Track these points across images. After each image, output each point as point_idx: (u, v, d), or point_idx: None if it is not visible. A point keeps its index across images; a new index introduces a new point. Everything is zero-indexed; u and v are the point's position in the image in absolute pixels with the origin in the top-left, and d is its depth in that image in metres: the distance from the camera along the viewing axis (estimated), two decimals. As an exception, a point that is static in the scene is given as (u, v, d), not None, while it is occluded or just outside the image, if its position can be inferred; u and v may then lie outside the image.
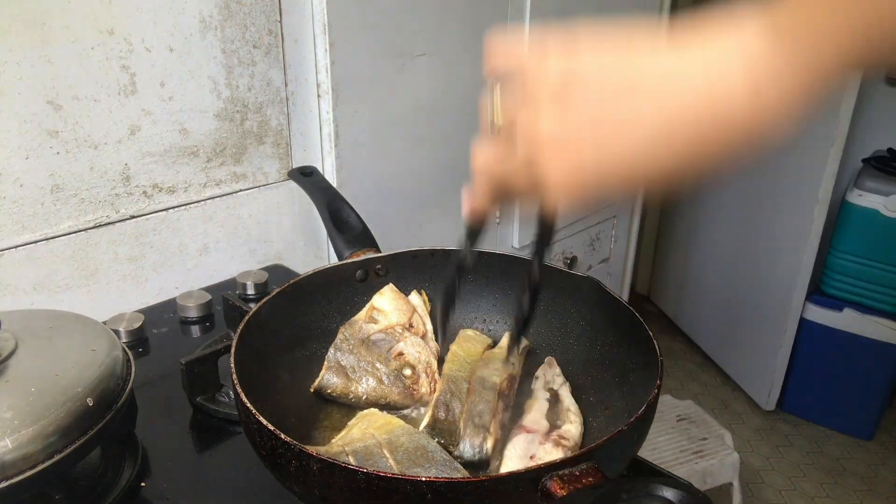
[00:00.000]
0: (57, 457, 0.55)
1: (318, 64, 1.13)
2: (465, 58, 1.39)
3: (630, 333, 0.67)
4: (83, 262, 0.94)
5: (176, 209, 1.02)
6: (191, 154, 1.02)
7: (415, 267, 0.81)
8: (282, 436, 0.51)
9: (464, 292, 0.82)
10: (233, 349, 0.61)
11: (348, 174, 1.22)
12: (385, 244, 0.83)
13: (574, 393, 0.70)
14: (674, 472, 0.68)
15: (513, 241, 1.70)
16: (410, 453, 0.58)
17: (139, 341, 0.90)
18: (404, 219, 1.38)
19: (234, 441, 0.74)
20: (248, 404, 0.54)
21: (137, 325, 0.90)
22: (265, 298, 0.69)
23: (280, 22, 1.07)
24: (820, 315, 2.16)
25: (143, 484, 0.67)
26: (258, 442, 0.54)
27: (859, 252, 2.06)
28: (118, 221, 0.97)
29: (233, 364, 0.59)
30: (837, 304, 2.13)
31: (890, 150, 2.14)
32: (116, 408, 0.61)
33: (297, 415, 0.68)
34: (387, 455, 0.57)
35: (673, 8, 2.13)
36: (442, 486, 0.47)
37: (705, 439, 1.68)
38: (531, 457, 0.61)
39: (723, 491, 1.68)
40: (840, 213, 2.08)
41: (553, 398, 0.69)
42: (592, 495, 0.44)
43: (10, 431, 0.53)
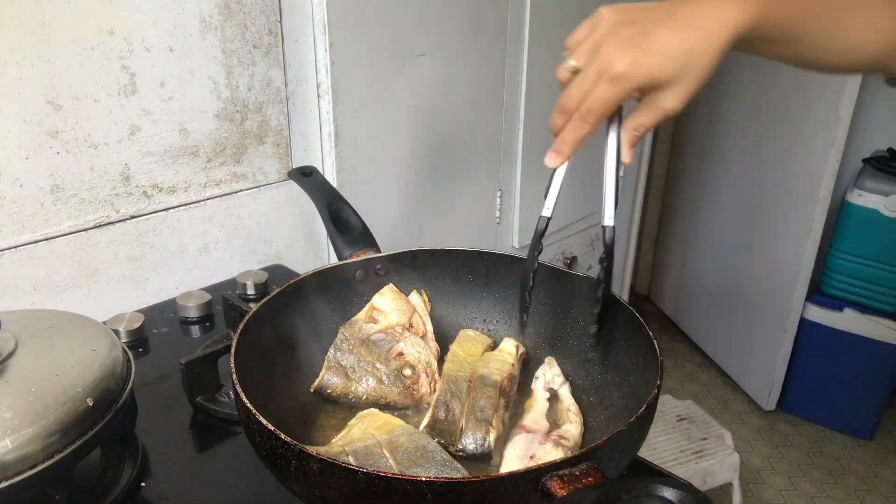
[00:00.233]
0: (57, 457, 0.55)
1: (318, 64, 1.13)
2: (465, 58, 1.39)
3: (630, 333, 0.67)
4: (83, 262, 0.94)
5: (176, 209, 1.02)
6: (191, 154, 1.02)
7: (415, 267, 0.81)
8: (282, 436, 0.51)
9: (465, 292, 0.82)
10: (233, 349, 0.61)
11: (348, 174, 1.22)
12: (384, 244, 0.83)
13: (574, 393, 0.70)
14: (674, 472, 0.68)
15: (513, 241, 1.70)
16: (410, 453, 0.58)
17: (139, 341, 0.90)
18: (404, 219, 1.38)
19: (234, 441, 0.74)
20: (249, 404, 0.54)
21: (137, 325, 0.90)
22: (265, 298, 0.69)
23: (280, 22, 1.07)
24: (820, 315, 2.16)
25: (143, 484, 0.67)
26: (258, 442, 0.54)
27: (859, 252, 2.06)
28: (118, 221, 0.97)
29: (233, 364, 0.59)
30: (837, 304, 2.13)
31: (890, 150, 2.14)
32: (116, 408, 0.61)
33: (298, 415, 0.68)
34: (387, 455, 0.57)
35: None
36: (442, 486, 0.47)
37: (705, 439, 1.68)
38: (531, 457, 0.61)
39: (723, 491, 1.68)
40: (840, 213, 2.08)
41: (553, 398, 0.69)
42: (592, 495, 0.44)
43: (10, 431, 0.53)
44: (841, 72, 0.63)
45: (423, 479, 0.46)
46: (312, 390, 0.71)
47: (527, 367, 0.76)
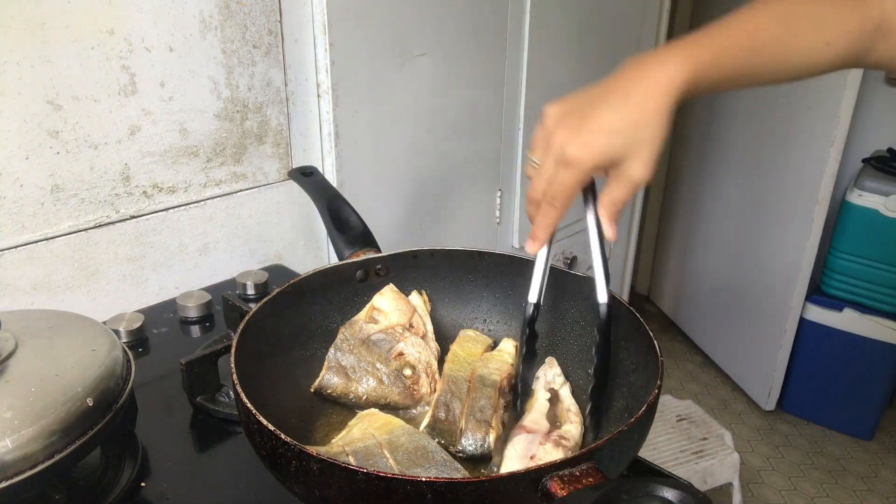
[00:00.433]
0: (57, 457, 0.55)
1: (318, 64, 1.13)
2: (465, 58, 1.39)
3: (631, 334, 0.67)
4: (83, 262, 0.94)
5: (176, 209, 1.02)
6: (191, 154, 1.02)
7: (415, 267, 0.80)
8: (282, 436, 0.51)
9: (465, 292, 0.82)
10: (233, 349, 0.61)
11: (348, 174, 1.22)
12: (384, 244, 0.83)
13: (574, 393, 0.70)
14: (674, 472, 0.68)
15: (512, 242, 1.70)
16: (411, 453, 0.58)
17: (139, 341, 0.90)
18: (404, 218, 1.38)
19: (234, 441, 0.74)
20: (249, 404, 0.54)
21: (137, 325, 0.90)
22: (266, 298, 0.69)
23: (280, 22, 1.07)
24: (820, 315, 2.16)
25: (143, 484, 0.67)
26: (258, 442, 0.54)
27: (859, 252, 2.06)
28: (118, 221, 0.97)
29: (233, 364, 0.59)
30: (837, 304, 2.13)
31: (890, 150, 2.14)
32: (116, 408, 0.61)
33: (298, 415, 0.68)
34: (387, 455, 0.57)
35: (673, 7, 2.13)
36: (442, 487, 0.46)
37: (705, 439, 1.68)
38: (531, 457, 0.61)
39: (723, 491, 1.68)
40: (840, 213, 2.08)
41: (553, 398, 0.69)
42: (592, 496, 0.44)
43: (10, 431, 0.53)
44: (806, 78, 0.65)
45: (423, 480, 0.46)
46: (313, 390, 0.71)
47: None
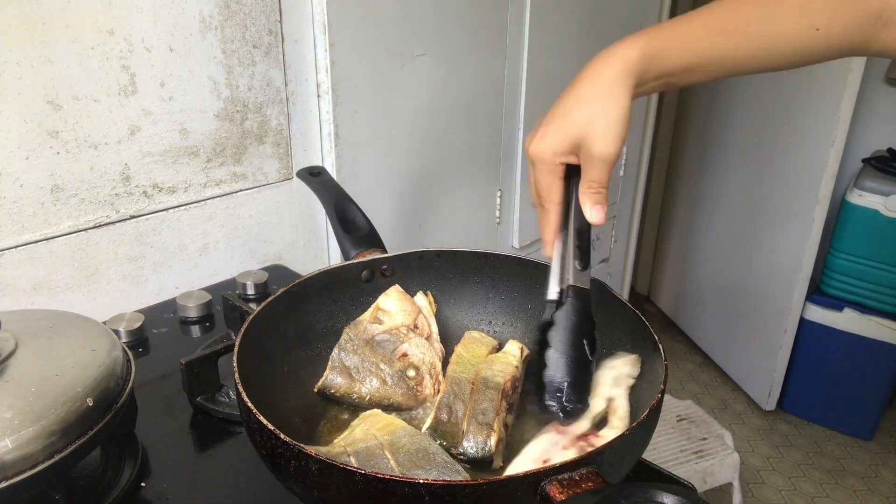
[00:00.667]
0: (57, 457, 0.55)
1: (318, 64, 1.13)
2: (465, 58, 1.39)
3: (635, 337, 0.67)
4: (83, 262, 0.94)
5: (176, 209, 1.02)
6: (191, 154, 1.02)
7: (421, 268, 0.80)
8: (281, 436, 0.51)
9: (470, 293, 0.82)
10: (236, 347, 0.60)
11: (348, 174, 1.22)
12: (383, 244, 0.83)
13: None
14: (674, 472, 0.68)
15: (513, 241, 1.70)
16: (412, 455, 0.58)
17: (139, 341, 0.90)
18: (403, 218, 1.38)
19: (234, 441, 0.74)
20: (249, 403, 0.54)
21: (137, 325, 0.90)
22: (270, 297, 0.69)
23: (280, 22, 1.07)
24: (820, 315, 2.16)
25: (143, 484, 0.67)
26: (259, 441, 0.54)
27: (859, 252, 2.06)
28: (118, 221, 0.97)
29: (235, 363, 0.58)
30: (837, 304, 2.13)
31: (890, 150, 2.14)
32: (116, 408, 0.61)
33: (301, 414, 0.68)
34: (388, 456, 0.57)
35: (673, 7, 2.13)
36: (439, 489, 0.46)
37: (705, 439, 1.68)
38: (545, 461, 0.59)
39: (723, 491, 1.68)
40: (840, 213, 2.08)
41: (610, 400, 0.65)
42: (591, 500, 0.44)
43: (10, 431, 0.53)
44: (802, 65, 0.63)
45: (421, 482, 0.46)
46: (316, 390, 0.71)
47: (532, 370, 0.76)
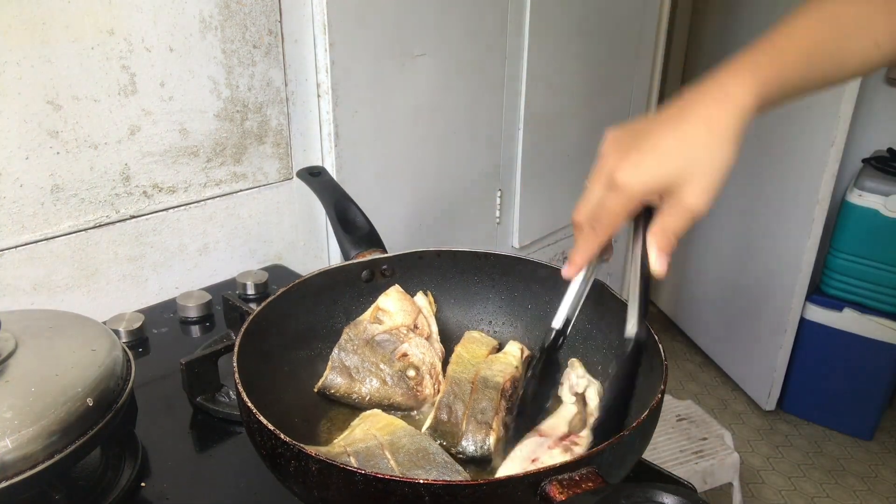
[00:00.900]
0: (57, 457, 0.55)
1: (318, 64, 1.13)
2: (465, 58, 1.39)
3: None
4: (83, 262, 0.94)
5: (176, 209, 1.02)
6: (191, 154, 1.02)
7: (421, 268, 0.80)
8: (281, 435, 0.51)
9: (470, 293, 0.82)
10: (236, 347, 0.60)
11: (348, 174, 1.22)
12: (383, 244, 0.83)
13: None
14: (674, 472, 0.68)
15: (513, 242, 1.70)
16: (412, 455, 0.58)
17: (139, 341, 0.90)
18: (403, 218, 1.38)
19: (234, 441, 0.74)
20: (249, 403, 0.54)
21: (137, 325, 0.90)
22: (271, 297, 0.69)
23: (280, 22, 1.07)
24: (820, 315, 2.16)
25: (143, 484, 0.67)
26: (259, 441, 0.54)
27: (859, 252, 2.06)
28: (118, 221, 0.97)
29: (235, 362, 0.59)
30: (837, 304, 2.13)
31: (890, 150, 2.14)
32: (116, 408, 0.61)
33: (301, 414, 0.68)
34: (388, 456, 0.57)
35: (673, 8, 2.13)
36: (439, 489, 0.46)
37: (705, 439, 1.68)
38: (533, 460, 0.61)
39: (723, 491, 1.68)
40: (840, 213, 2.08)
41: (580, 402, 0.67)
42: (591, 500, 0.44)
43: (10, 431, 0.53)
44: (851, 81, 0.65)
45: (421, 482, 0.46)
46: (316, 390, 0.71)
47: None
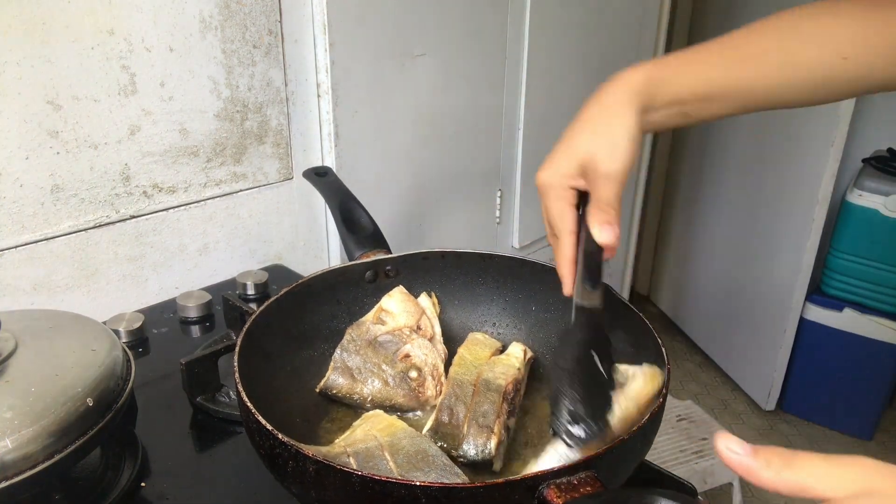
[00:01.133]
0: (57, 457, 0.55)
1: (318, 64, 1.13)
2: (465, 58, 1.39)
3: (637, 339, 0.66)
4: (83, 262, 0.94)
5: (176, 209, 1.03)
6: (191, 154, 1.02)
7: (425, 269, 0.80)
8: (279, 436, 0.51)
9: (474, 295, 0.81)
10: (237, 347, 0.60)
11: (348, 174, 1.22)
12: (388, 244, 0.83)
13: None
14: (674, 472, 0.68)
15: (513, 242, 1.70)
16: (411, 456, 0.58)
17: (139, 341, 0.90)
18: (403, 218, 1.38)
19: (234, 441, 0.74)
20: (248, 403, 0.54)
21: (137, 325, 0.90)
22: (273, 297, 0.69)
23: (280, 22, 1.07)
24: (820, 315, 2.16)
25: (143, 484, 0.67)
26: (258, 441, 0.54)
27: (859, 252, 2.06)
28: (118, 221, 0.97)
29: (236, 362, 0.59)
30: (837, 304, 2.13)
31: (890, 150, 2.14)
32: (116, 408, 0.61)
33: (303, 414, 0.68)
34: (387, 457, 0.57)
35: (673, 7, 2.13)
36: (436, 492, 0.46)
37: (705, 439, 1.68)
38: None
39: (723, 491, 1.68)
40: (840, 213, 2.08)
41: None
42: (589, 505, 0.44)
43: (10, 431, 0.53)
44: (835, 99, 0.59)
45: (418, 484, 0.46)
46: (318, 391, 0.71)
47: (535, 372, 0.76)
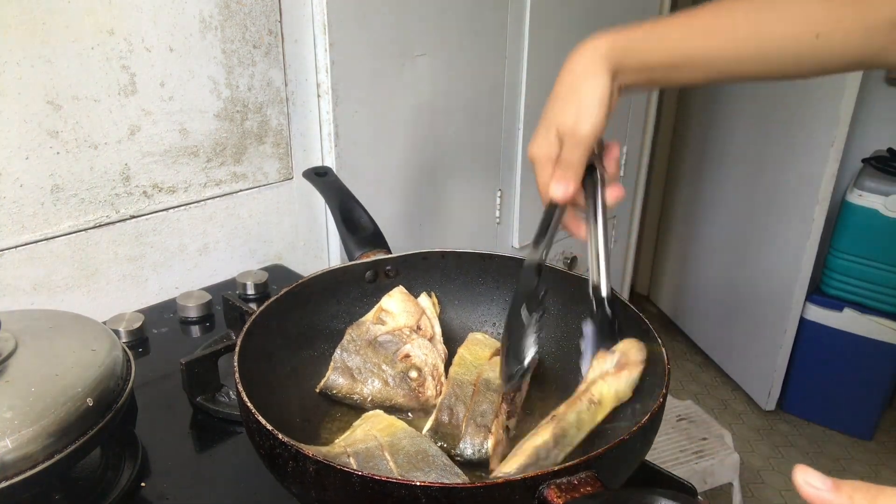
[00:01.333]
0: (57, 457, 0.55)
1: (318, 64, 1.13)
2: (465, 58, 1.38)
3: (637, 338, 0.66)
4: (83, 262, 0.94)
5: (176, 209, 1.03)
6: (191, 154, 1.02)
7: (425, 269, 0.80)
8: (279, 436, 0.51)
9: (474, 295, 0.81)
10: (237, 347, 0.60)
11: (348, 174, 1.22)
12: (388, 244, 0.83)
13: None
14: (674, 472, 0.68)
15: (513, 241, 1.70)
16: (411, 456, 0.58)
17: (139, 341, 0.90)
18: (403, 218, 1.38)
19: (234, 441, 0.74)
20: (248, 403, 0.54)
21: (137, 325, 0.90)
22: (273, 297, 0.69)
23: (280, 22, 1.07)
24: (820, 315, 2.16)
25: (143, 484, 0.67)
26: (258, 441, 0.54)
27: (859, 252, 2.06)
28: (118, 221, 0.97)
29: (236, 362, 0.58)
30: (837, 304, 2.13)
31: (890, 150, 2.14)
32: (116, 408, 0.61)
33: (303, 414, 0.68)
34: (387, 457, 0.57)
35: (673, 7, 2.13)
36: (436, 492, 0.46)
37: (705, 439, 1.68)
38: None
39: (723, 491, 1.68)
40: (840, 213, 2.08)
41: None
42: (589, 505, 0.44)
43: (10, 431, 0.53)
44: (807, 75, 0.60)
45: (418, 484, 0.46)
46: (318, 391, 0.71)
47: (536, 372, 0.76)
